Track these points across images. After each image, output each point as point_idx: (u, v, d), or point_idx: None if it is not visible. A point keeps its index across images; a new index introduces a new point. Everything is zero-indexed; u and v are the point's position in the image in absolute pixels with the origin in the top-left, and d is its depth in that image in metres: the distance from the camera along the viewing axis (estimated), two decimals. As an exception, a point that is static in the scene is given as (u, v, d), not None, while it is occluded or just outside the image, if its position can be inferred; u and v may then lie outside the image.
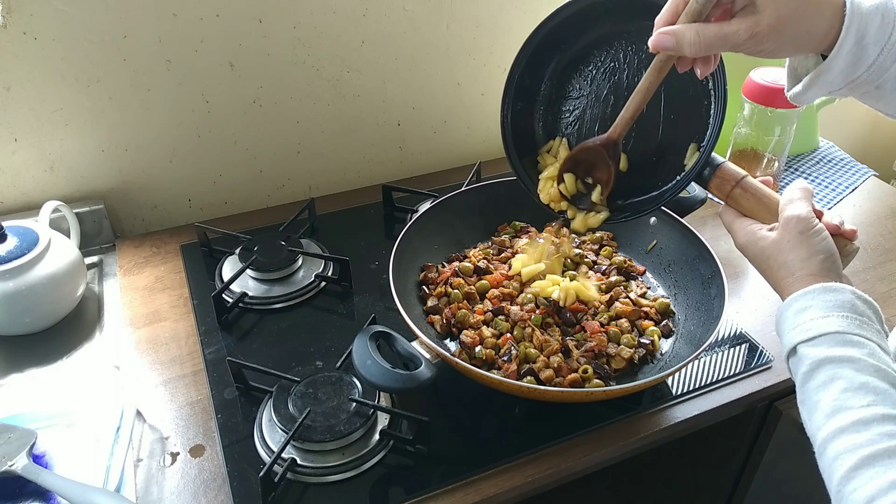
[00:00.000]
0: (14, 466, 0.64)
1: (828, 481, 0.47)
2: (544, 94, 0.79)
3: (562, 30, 0.75)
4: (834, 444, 0.47)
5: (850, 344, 0.50)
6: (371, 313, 0.86)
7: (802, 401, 0.52)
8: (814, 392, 0.50)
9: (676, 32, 0.55)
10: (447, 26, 1.12)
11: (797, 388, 0.53)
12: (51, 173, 0.99)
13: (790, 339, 0.53)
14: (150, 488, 0.68)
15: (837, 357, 0.50)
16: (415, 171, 1.24)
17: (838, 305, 0.52)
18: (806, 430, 0.51)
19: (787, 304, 0.55)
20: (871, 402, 0.47)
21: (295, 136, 1.12)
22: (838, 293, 0.53)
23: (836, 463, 0.46)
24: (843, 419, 0.47)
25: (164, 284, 0.96)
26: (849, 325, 0.51)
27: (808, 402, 0.51)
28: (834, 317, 0.51)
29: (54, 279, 0.84)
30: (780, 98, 1.02)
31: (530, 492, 0.71)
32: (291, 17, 1.00)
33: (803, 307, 0.53)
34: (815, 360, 0.51)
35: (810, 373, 0.51)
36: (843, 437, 0.47)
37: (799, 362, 0.52)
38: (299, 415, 0.71)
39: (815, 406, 0.50)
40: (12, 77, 0.90)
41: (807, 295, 0.53)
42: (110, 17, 0.91)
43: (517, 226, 0.99)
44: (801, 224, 0.56)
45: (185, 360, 0.83)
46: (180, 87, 1.00)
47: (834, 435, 0.47)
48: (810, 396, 0.51)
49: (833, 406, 0.48)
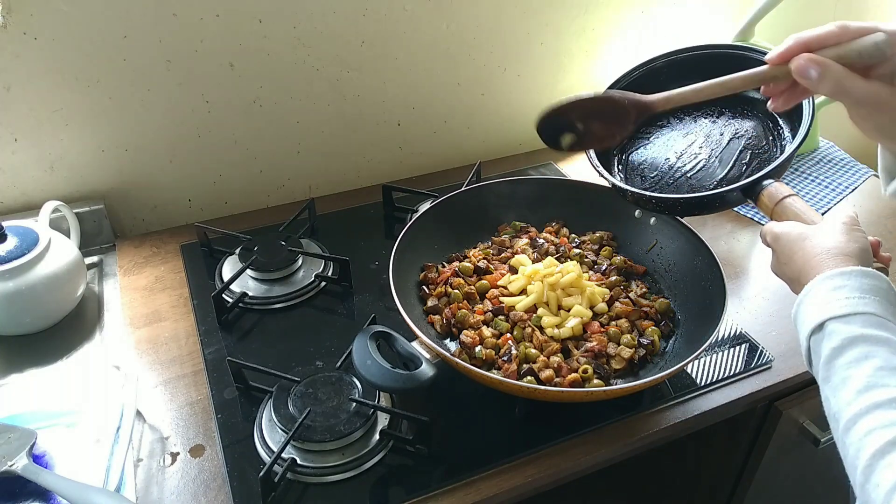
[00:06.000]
0: (14, 466, 0.64)
1: (853, 458, 0.45)
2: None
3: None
4: (866, 419, 0.45)
5: (886, 328, 0.48)
6: (371, 313, 0.86)
7: (826, 378, 0.49)
8: (843, 368, 0.48)
9: (827, 67, 0.54)
10: (447, 26, 1.12)
11: (821, 364, 0.50)
12: (51, 173, 0.99)
13: (820, 313, 0.51)
14: (150, 488, 0.68)
15: (874, 336, 0.48)
16: (415, 171, 1.24)
17: (875, 290, 0.50)
18: (827, 408, 0.49)
19: (820, 280, 0.53)
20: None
21: (295, 136, 1.12)
22: (876, 280, 0.51)
23: (867, 438, 0.44)
24: (880, 395, 0.45)
25: (164, 284, 0.96)
26: (885, 311, 0.49)
27: (835, 377, 0.48)
28: (870, 299, 0.50)
29: (54, 279, 0.84)
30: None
31: (530, 492, 0.71)
32: (291, 17, 1.00)
33: (839, 285, 0.51)
34: (849, 337, 0.48)
35: (841, 349, 0.48)
36: (878, 412, 0.44)
37: (827, 338, 0.50)
38: (299, 415, 0.71)
39: (843, 382, 0.47)
40: (12, 77, 0.90)
41: (844, 275, 0.52)
42: (110, 18, 0.91)
43: (517, 226, 0.99)
44: (847, 218, 0.56)
45: (185, 360, 0.83)
46: (180, 87, 1.00)
47: (867, 410, 0.45)
48: (838, 372, 0.48)
49: (867, 382, 0.46)
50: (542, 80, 1.25)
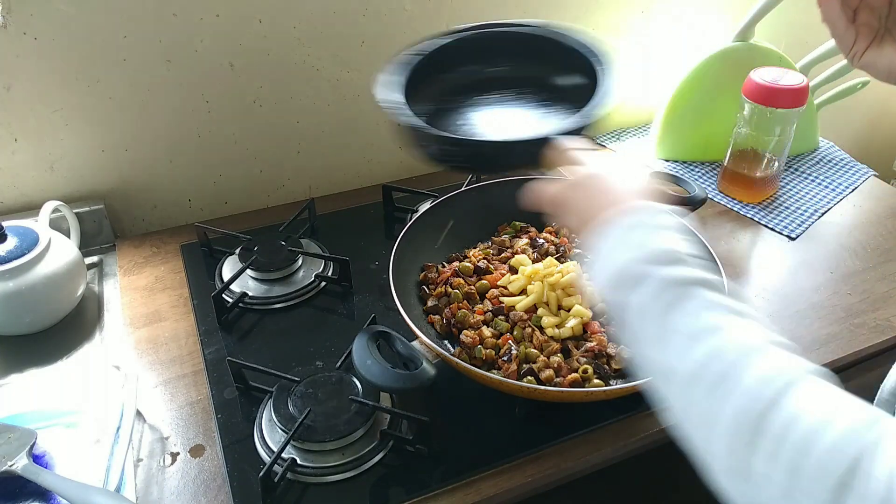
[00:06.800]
0: (14, 466, 0.64)
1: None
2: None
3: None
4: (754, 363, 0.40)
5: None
6: (371, 313, 0.86)
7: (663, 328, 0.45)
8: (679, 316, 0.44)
9: None
10: (447, 26, 1.12)
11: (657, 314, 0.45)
12: (51, 173, 0.99)
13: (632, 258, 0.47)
14: (150, 488, 0.68)
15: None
16: (415, 171, 1.24)
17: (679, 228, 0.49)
18: (655, 356, 0.45)
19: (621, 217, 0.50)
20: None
21: (295, 136, 1.12)
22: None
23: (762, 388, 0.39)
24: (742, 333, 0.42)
25: (164, 284, 0.96)
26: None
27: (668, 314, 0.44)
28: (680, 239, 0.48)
29: (54, 279, 0.84)
30: (780, 98, 1.02)
31: (530, 492, 0.71)
32: (291, 16, 1.00)
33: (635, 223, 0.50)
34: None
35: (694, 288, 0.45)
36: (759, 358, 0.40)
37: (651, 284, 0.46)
38: (299, 415, 0.71)
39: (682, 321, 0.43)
40: (12, 77, 0.90)
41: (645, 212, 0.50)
42: (111, 18, 0.91)
43: (517, 226, 0.99)
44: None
45: (185, 360, 0.83)
46: (180, 87, 1.00)
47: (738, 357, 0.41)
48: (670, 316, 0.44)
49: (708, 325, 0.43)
50: (542, 80, 1.25)
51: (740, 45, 1.16)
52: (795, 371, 0.40)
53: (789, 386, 0.38)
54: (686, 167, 1.24)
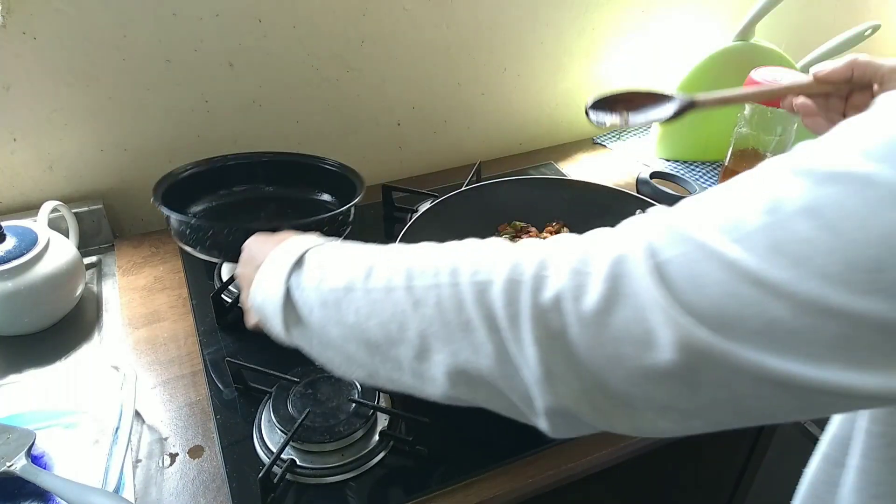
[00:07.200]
0: (13, 467, 0.64)
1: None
2: None
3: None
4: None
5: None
6: (371, 313, 0.86)
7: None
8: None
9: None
10: (447, 26, 1.12)
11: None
12: (50, 173, 0.99)
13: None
14: (149, 489, 0.68)
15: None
16: (415, 170, 1.24)
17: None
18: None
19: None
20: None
21: (294, 135, 1.11)
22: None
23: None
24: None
25: (163, 284, 0.96)
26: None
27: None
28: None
29: (53, 279, 0.84)
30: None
31: (531, 492, 0.71)
32: (291, 16, 1.00)
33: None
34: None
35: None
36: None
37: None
38: (299, 415, 0.71)
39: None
40: (11, 77, 0.90)
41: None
42: (110, 17, 0.90)
43: (517, 226, 0.99)
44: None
45: (184, 361, 0.83)
46: (179, 87, 0.99)
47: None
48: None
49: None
50: (543, 79, 1.25)
51: (741, 45, 1.16)
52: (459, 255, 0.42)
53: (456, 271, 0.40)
54: (686, 167, 1.24)
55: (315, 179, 1.01)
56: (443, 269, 0.41)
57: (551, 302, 0.36)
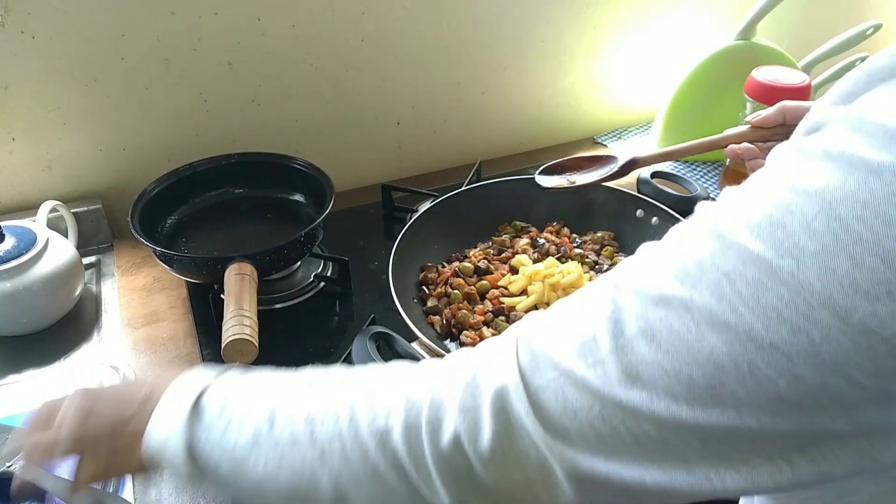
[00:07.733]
0: (13, 467, 0.64)
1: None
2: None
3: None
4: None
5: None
6: (371, 313, 0.86)
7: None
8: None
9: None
10: (447, 25, 1.11)
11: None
12: (48, 173, 0.99)
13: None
14: (149, 489, 0.68)
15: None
16: (415, 170, 1.23)
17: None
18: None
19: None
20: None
21: (294, 135, 1.11)
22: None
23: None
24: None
25: (163, 284, 0.95)
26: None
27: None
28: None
29: (52, 279, 0.84)
30: (782, 97, 1.02)
31: None
32: (290, 15, 1.00)
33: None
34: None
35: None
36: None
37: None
38: (298, 416, 0.70)
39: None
40: (10, 76, 0.89)
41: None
42: (108, 16, 0.90)
43: (517, 226, 0.99)
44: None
45: (183, 361, 0.83)
46: (178, 86, 0.99)
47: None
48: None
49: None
50: (543, 78, 1.25)
51: (742, 44, 1.16)
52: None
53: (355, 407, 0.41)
54: (687, 166, 1.24)
55: (285, 178, 1.00)
56: (342, 413, 0.41)
57: (451, 446, 0.37)
